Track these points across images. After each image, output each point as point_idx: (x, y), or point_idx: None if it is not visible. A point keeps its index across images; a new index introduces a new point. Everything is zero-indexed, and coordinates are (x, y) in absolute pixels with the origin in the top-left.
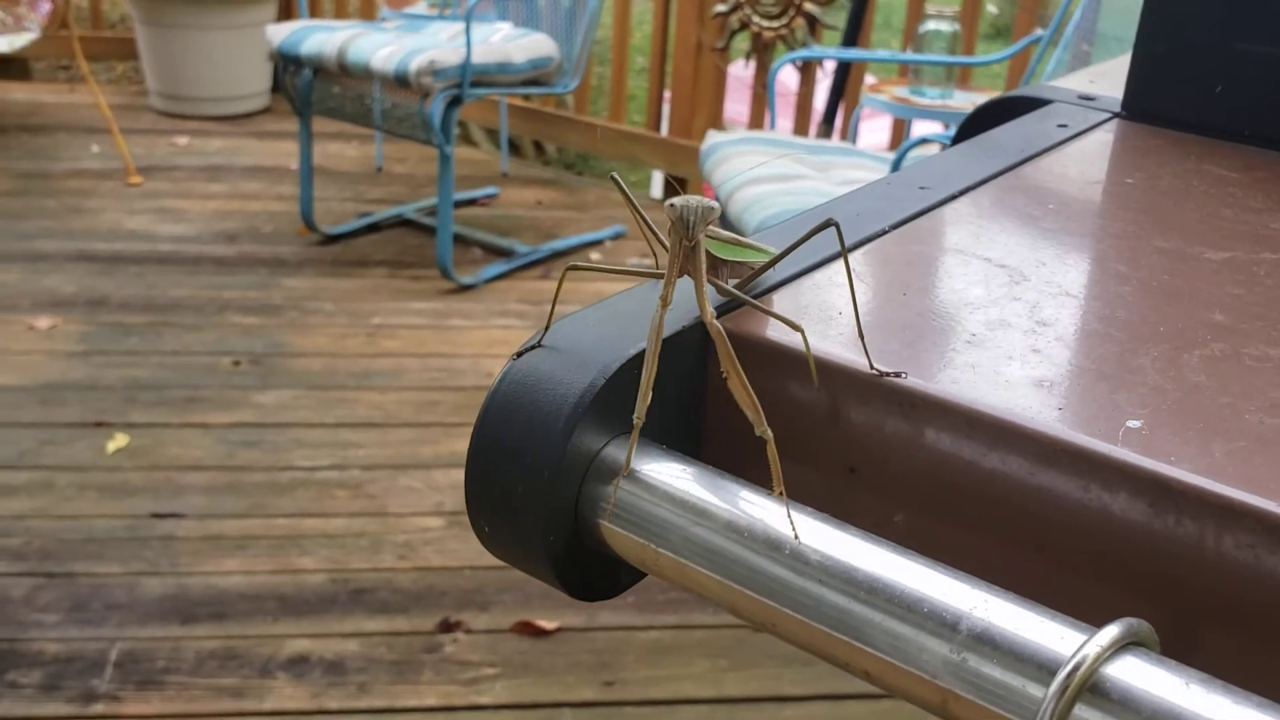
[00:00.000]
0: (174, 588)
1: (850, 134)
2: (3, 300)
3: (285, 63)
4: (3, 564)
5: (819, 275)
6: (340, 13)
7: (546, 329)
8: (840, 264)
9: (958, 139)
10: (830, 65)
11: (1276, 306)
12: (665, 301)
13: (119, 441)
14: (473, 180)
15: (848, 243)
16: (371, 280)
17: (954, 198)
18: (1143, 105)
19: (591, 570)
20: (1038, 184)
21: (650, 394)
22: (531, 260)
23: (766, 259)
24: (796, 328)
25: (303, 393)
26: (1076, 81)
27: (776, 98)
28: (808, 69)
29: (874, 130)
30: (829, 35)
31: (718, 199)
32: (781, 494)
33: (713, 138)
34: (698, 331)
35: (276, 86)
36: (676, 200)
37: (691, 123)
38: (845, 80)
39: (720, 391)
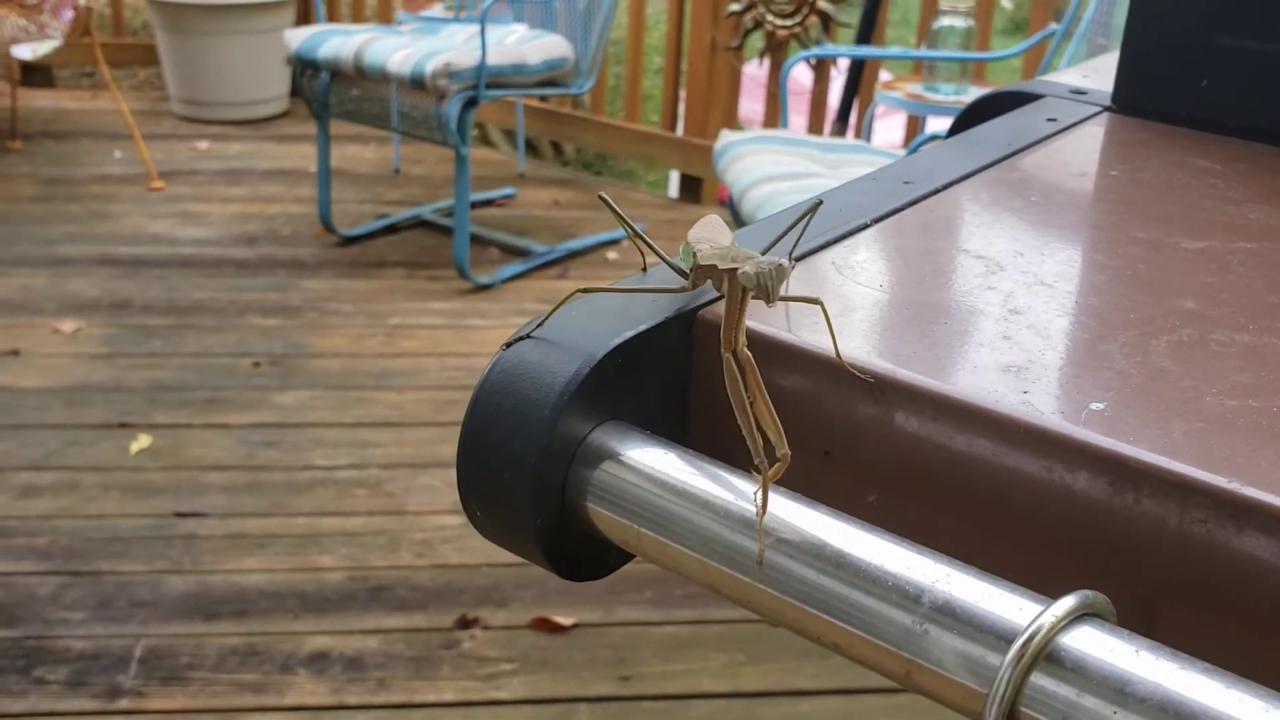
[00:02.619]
0: (196, 585)
1: (864, 131)
2: (28, 304)
3: (303, 67)
4: (30, 563)
5: (797, 268)
6: (357, 17)
7: (539, 324)
8: (815, 257)
9: (952, 134)
10: (844, 63)
11: (1246, 293)
12: (731, 346)
13: (142, 442)
14: (490, 181)
15: (830, 237)
16: (389, 281)
17: (937, 192)
18: (1131, 99)
19: (580, 551)
20: (1022, 177)
21: (759, 437)
22: (548, 260)
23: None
24: (815, 301)
25: (322, 393)
26: (1070, 76)
27: (792, 96)
28: (822, 67)
29: (890, 128)
30: (843, 33)
31: (731, 198)
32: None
33: (726, 137)
34: (682, 322)
35: (295, 90)
36: (749, 266)
37: (707, 122)
38: (859, 78)
39: (703, 380)
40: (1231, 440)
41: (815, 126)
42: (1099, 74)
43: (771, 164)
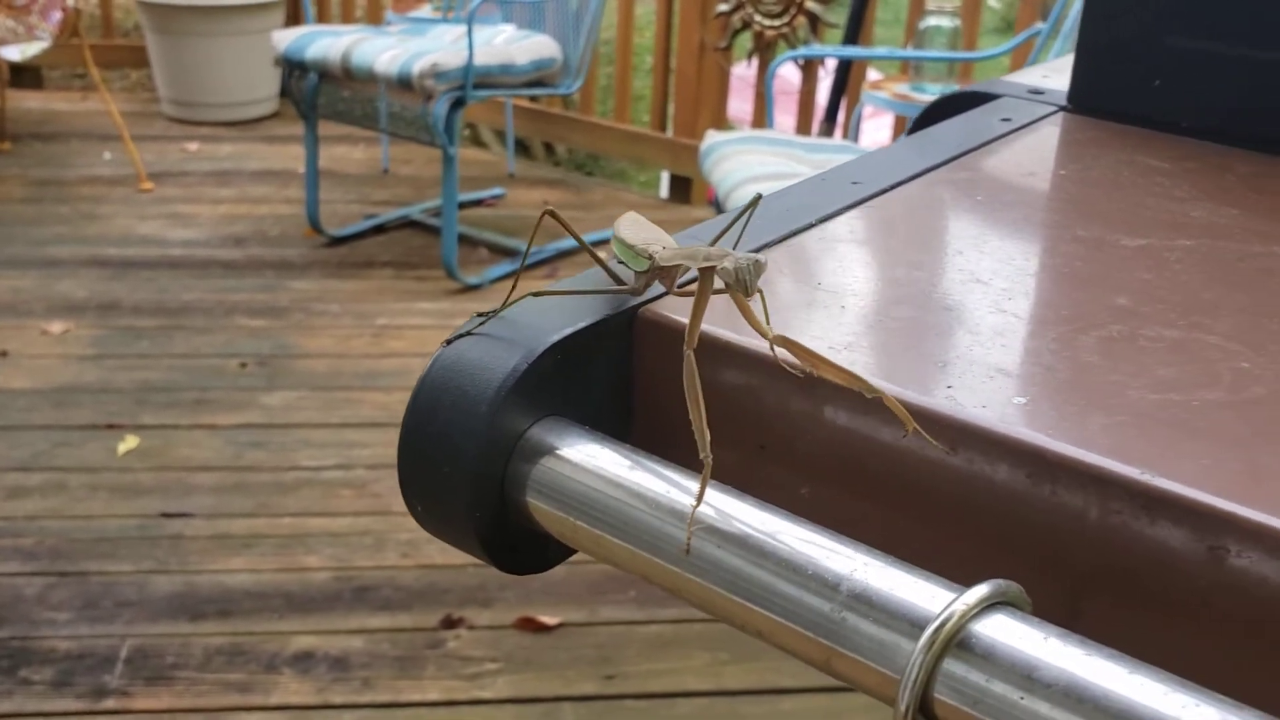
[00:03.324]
0: (183, 586)
1: (852, 132)
2: (17, 306)
3: (291, 68)
4: (16, 563)
5: None
6: (347, 18)
7: (483, 321)
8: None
9: (911, 134)
10: (832, 63)
11: (1179, 290)
12: (693, 344)
13: (130, 443)
14: (480, 181)
15: (774, 237)
16: (377, 281)
17: (884, 191)
18: (1086, 99)
19: (520, 544)
20: (971, 177)
21: (708, 432)
22: (538, 260)
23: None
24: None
25: (308, 393)
26: (1031, 75)
27: (781, 96)
28: (809, 67)
29: (878, 128)
30: (831, 33)
31: (717, 198)
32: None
33: (712, 137)
34: (623, 319)
35: (285, 92)
36: (728, 262)
37: (696, 122)
38: (847, 78)
39: (646, 377)
40: (1149, 433)
41: (804, 126)
42: (1059, 74)
43: (757, 164)
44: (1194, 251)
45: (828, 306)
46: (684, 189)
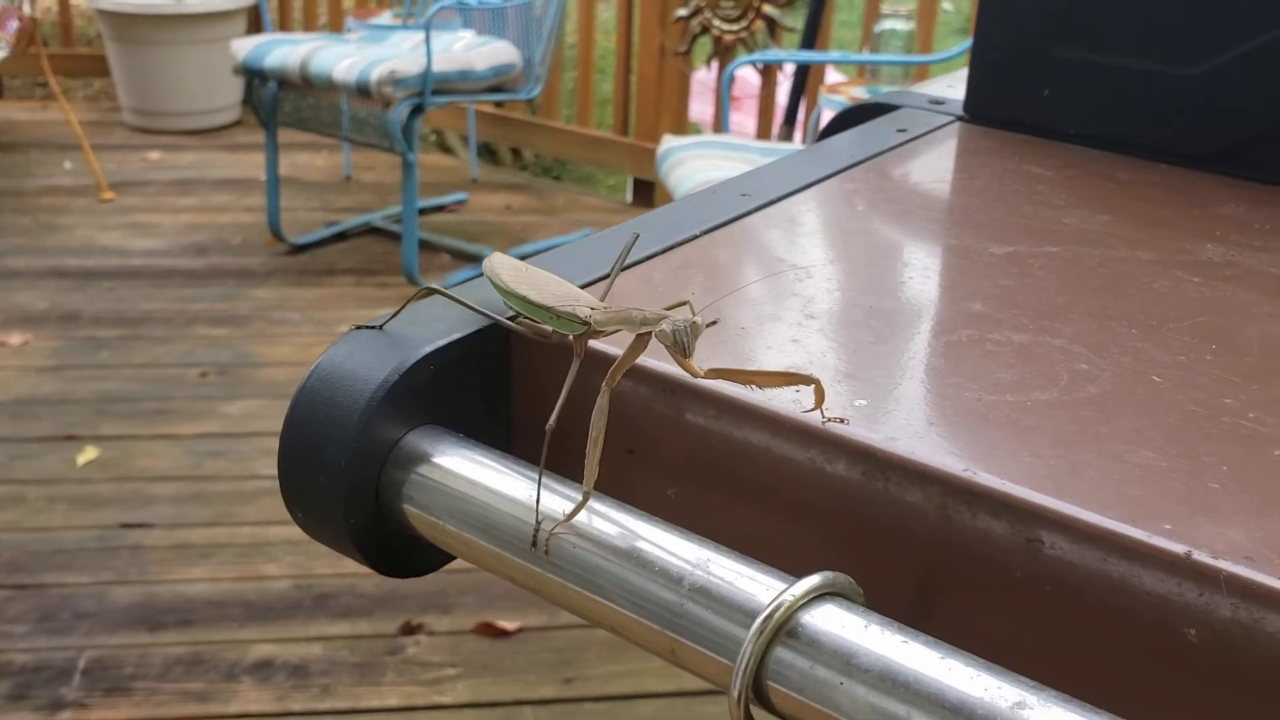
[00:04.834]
0: (142, 596)
1: (810, 135)
2: None
3: (250, 76)
4: None
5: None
6: (310, 26)
7: (384, 322)
8: (637, 269)
9: (810, 147)
10: (790, 67)
11: (1036, 296)
12: (613, 384)
13: (89, 454)
14: (443, 187)
15: (658, 248)
16: (338, 289)
17: (772, 203)
18: (981, 109)
19: (398, 549)
20: (857, 188)
21: (597, 471)
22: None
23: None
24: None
25: (269, 402)
26: (936, 86)
27: (744, 100)
28: (769, 71)
29: None
30: (789, 37)
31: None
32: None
33: (668, 142)
34: (498, 332)
35: (247, 100)
36: (665, 325)
37: (657, 126)
38: (805, 81)
39: (522, 388)
40: (978, 431)
41: (764, 130)
42: (962, 84)
43: (713, 168)
44: (1058, 258)
45: (697, 316)
46: (647, 193)
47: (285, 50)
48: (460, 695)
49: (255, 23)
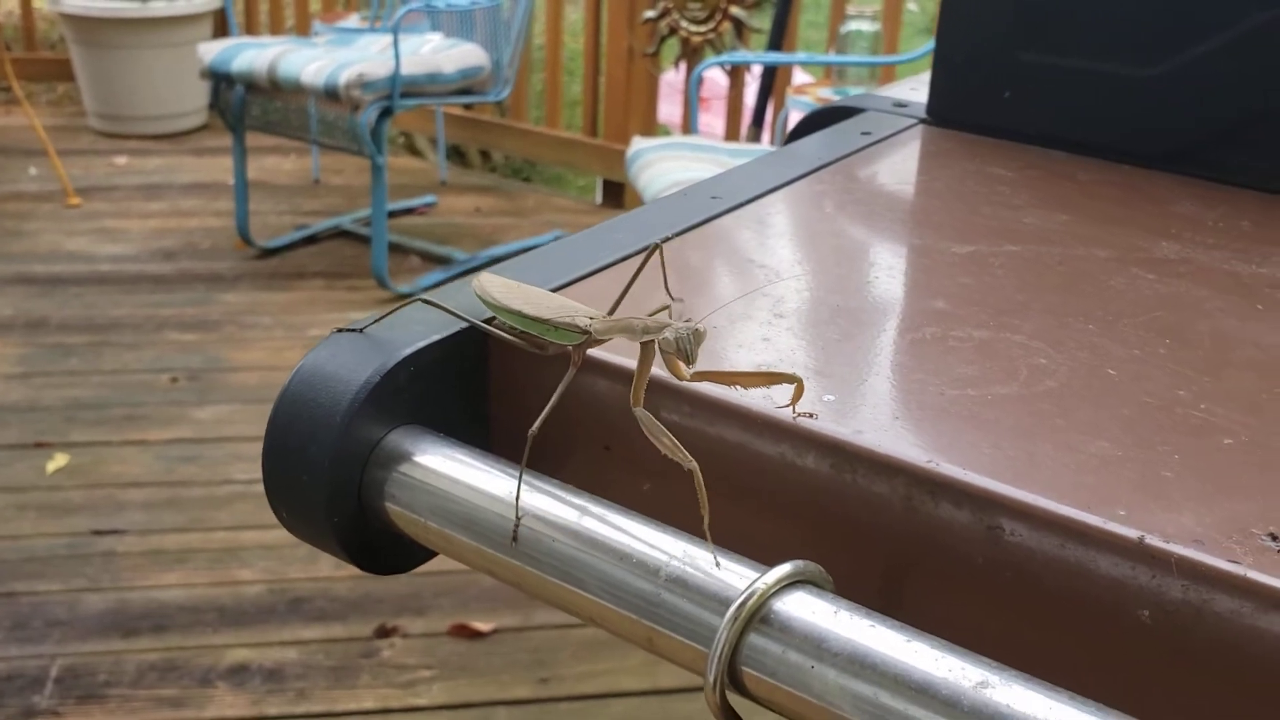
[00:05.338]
0: (115, 602)
1: (778, 135)
2: None
3: (217, 80)
4: None
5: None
6: (277, 29)
7: (367, 325)
8: (609, 271)
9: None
10: (758, 68)
11: (996, 293)
12: (639, 402)
13: (59, 461)
14: (412, 189)
15: (628, 251)
16: (308, 292)
17: (741, 205)
18: (943, 111)
19: (380, 547)
20: (824, 190)
21: (681, 450)
22: (470, 267)
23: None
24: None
25: (240, 407)
26: (899, 89)
27: (712, 101)
28: (736, 72)
29: None
30: (757, 38)
31: (643, 204)
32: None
33: (638, 143)
34: (474, 333)
35: (214, 103)
36: (668, 333)
37: (626, 128)
38: (773, 82)
39: (500, 388)
40: (941, 425)
41: (732, 130)
42: (925, 87)
43: (682, 169)
44: (1017, 256)
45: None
46: (616, 194)
47: (252, 54)
48: (436, 697)
49: (221, 26)
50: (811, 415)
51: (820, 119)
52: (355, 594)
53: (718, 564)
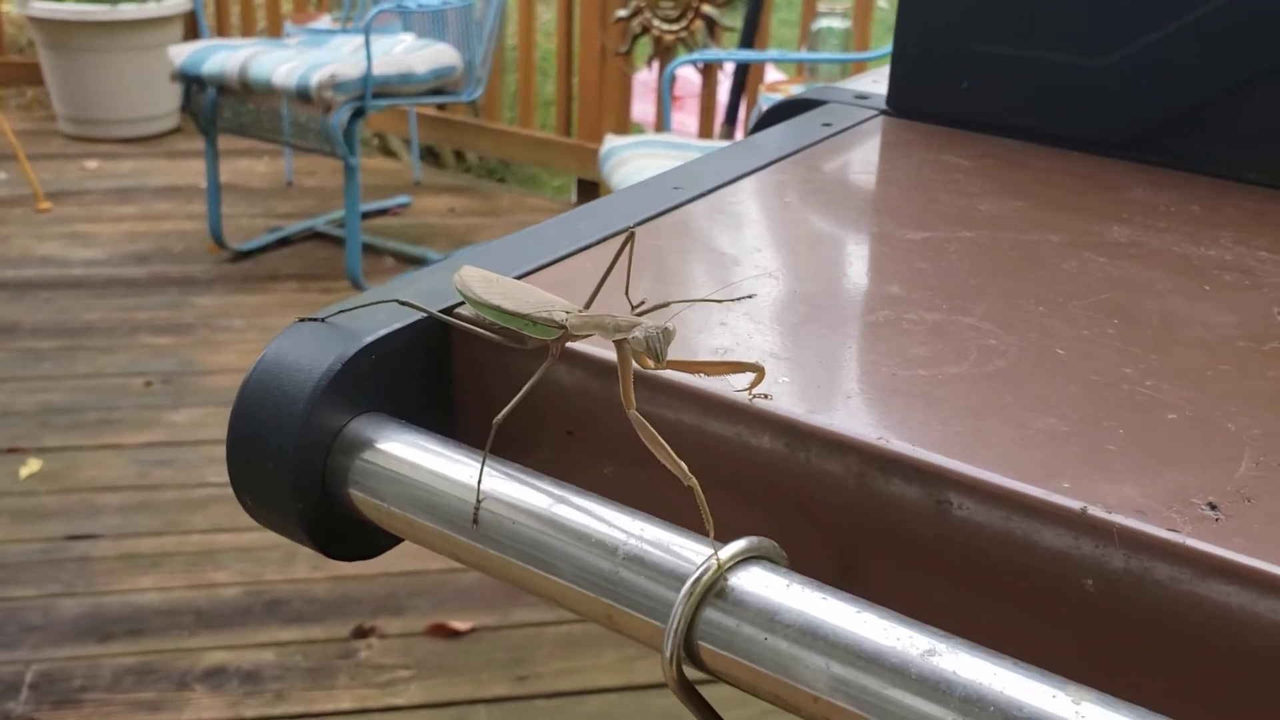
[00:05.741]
0: (90, 607)
1: (750, 133)
2: None
3: (188, 83)
4: None
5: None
6: (248, 31)
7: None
8: (572, 260)
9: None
10: (731, 66)
11: (950, 277)
12: (631, 405)
13: (32, 466)
14: (386, 190)
15: (590, 241)
16: (282, 295)
17: (701, 196)
18: (903, 102)
19: (345, 533)
20: (785, 180)
21: (681, 463)
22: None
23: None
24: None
25: (214, 410)
26: (861, 81)
27: (685, 99)
28: (709, 70)
29: None
30: (729, 36)
31: None
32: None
33: (610, 142)
34: (435, 323)
35: (186, 106)
36: (638, 332)
37: (600, 126)
38: (745, 80)
39: (463, 375)
40: (892, 404)
41: (705, 128)
42: (885, 80)
43: (655, 167)
44: (971, 242)
45: (627, 304)
46: (592, 193)
47: (223, 56)
48: (414, 696)
49: (192, 29)
50: (766, 396)
51: (783, 111)
52: (332, 595)
53: (674, 542)
